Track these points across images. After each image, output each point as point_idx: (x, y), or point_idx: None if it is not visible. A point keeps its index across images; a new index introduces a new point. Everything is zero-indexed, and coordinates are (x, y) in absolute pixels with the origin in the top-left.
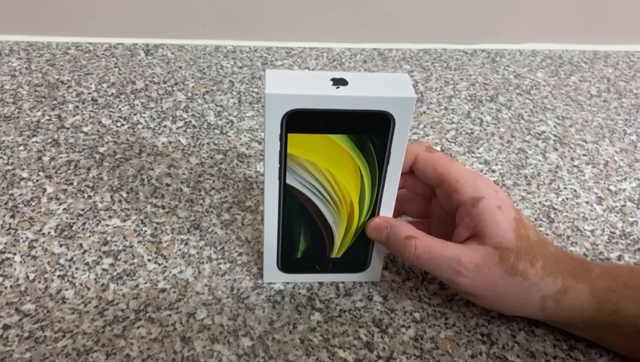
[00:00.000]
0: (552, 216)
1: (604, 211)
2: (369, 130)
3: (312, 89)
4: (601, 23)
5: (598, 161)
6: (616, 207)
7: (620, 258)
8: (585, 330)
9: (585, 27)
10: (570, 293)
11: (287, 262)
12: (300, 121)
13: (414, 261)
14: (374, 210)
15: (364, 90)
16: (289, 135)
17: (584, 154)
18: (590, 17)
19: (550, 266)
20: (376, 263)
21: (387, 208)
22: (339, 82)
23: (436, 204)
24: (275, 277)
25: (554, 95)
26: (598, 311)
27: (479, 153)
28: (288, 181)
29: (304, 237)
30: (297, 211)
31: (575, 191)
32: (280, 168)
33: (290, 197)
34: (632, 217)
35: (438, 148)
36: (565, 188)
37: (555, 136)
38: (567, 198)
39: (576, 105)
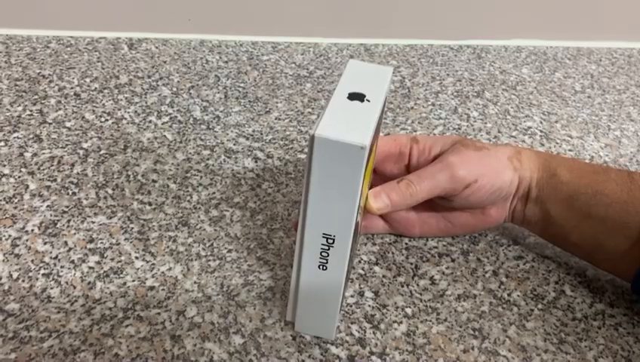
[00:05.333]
0: None
1: None
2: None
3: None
4: (584, 19)
5: (584, 157)
6: None
7: None
8: (535, 202)
9: (568, 24)
10: (523, 155)
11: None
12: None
13: (419, 191)
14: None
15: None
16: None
17: (570, 150)
18: (573, 14)
19: (493, 144)
20: None
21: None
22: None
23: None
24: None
25: (539, 91)
26: (542, 171)
27: None
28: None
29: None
30: (354, 243)
31: None
32: (359, 201)
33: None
34: None
35: None
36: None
37: (541, 131)
38: None
39: (561, 101)
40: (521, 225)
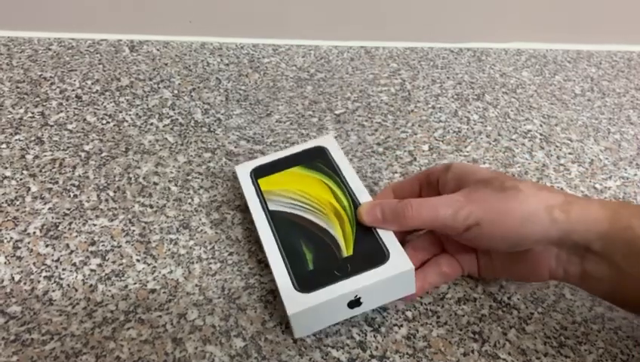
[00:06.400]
0: None
1: None
2: (314, 157)
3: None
4: (584, 22)
5: (584, 160)
6: None
7: None
8: (601, 256)
9: (568, 26)
10: (577, 205)
11: (303, 279)
12: (262, 170)
13: (416, 217)
14: (353, 201)
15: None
16: (258, 180)
17: (570, 153)
18: (573, 17)
19: (541, 186)
20: (395, 251)
21: (363, 195)
22: None
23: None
24: (298, 303)
25: (539, 94)
26: (612, 223)
27: (467, 152)
28: (271, 207)
29: (307, 248)
30: (289, 228)
31: (562, 189)
32: (261, 202)
33: (279, 220)
34: None
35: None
36: (552, 186)
37: (541, 134)
38: None
39: (561, 104)
40: (581, 282)
